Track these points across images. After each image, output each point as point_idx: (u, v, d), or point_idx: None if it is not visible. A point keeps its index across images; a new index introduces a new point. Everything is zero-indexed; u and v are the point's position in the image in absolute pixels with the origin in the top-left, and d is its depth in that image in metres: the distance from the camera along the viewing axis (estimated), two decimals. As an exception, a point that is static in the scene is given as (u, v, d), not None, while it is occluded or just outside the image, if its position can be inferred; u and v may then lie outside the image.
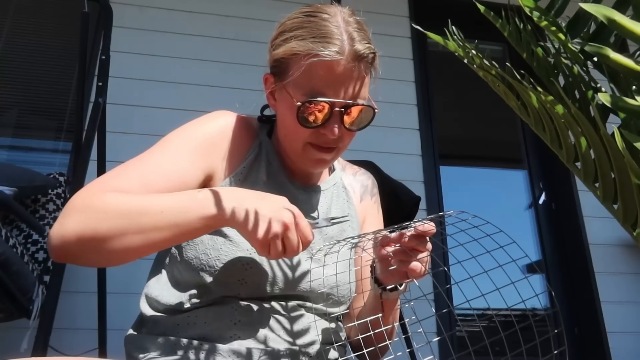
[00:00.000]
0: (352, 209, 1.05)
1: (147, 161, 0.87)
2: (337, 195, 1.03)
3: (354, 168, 1.15)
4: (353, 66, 0.84)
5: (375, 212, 1.12)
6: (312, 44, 0.83)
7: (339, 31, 0.85)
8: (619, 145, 0.58)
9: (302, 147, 0.89)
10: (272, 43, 0.92)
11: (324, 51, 0.82)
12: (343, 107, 0.85)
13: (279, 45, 0.88)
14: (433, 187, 2.74)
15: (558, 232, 2.96)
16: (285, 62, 0.87)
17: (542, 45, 0.84)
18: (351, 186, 1.09)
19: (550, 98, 0.66)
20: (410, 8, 3.05)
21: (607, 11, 0.57)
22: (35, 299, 1.51)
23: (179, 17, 2.71)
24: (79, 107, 1.66)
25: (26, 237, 1.65)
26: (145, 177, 0.84)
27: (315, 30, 0.85)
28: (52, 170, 1.87)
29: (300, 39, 0.85)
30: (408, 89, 2.86)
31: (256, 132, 0.98)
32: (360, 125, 0.89)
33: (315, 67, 0.83)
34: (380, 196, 1.14)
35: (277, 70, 0.89)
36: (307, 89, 0.84)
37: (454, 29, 0.83)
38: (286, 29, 0.89)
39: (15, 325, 1.61)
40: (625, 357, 2.55)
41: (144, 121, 2.37)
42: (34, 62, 2.67)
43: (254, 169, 0.94)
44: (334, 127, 0.85)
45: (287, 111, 0.88)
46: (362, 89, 0.87)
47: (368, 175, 1.15)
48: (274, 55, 0.89)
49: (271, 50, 0.91)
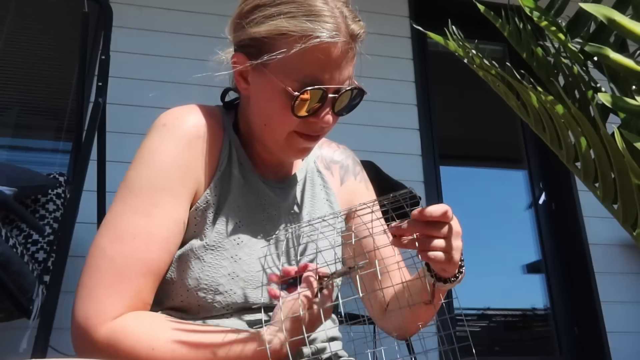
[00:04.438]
0: (330, 194, 0.98)
1: (134, 241, 0.74)
2: (312, 184, 0.96)
3: (332, 146, 1.05)
4: (348, 48, 0.76)
5: (363, 190, 1.03)
6: (307, 23, 0.74)
7: (329, 7, 0.76)
8: (619, 145, 0.58)
9: (285, 136, 0.80)
10: (245, 17, 0.80)
11: (323, 32, 0.73)
12: (336, 92, 0.78)
13: (259, 22, 0.77)
14: (433, 187, 2.74)
15: (558, 232, 2.96)
16: (267, 42, 0.76)
17: (542, 45, 0.84)
18: (329, 169, 1.01)
19: (550, 98, 0.66)
20: (410, 8, 3.05)
21: (607, 11, 0.57)
22: (35, 299, 1.51)
23: (179, 17, 2.71)
24: (79, 107, 1.67)
25: (26, 237, 1.65)
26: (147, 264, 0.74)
27: (305, 6, 0.75)
28: (52, 170, 1.87)
29: (290, 17, 0.75)
30: (408, 89, 2.86)
31: (223, 126, 0.87)
32: (351, 109, 0.83)
33: (311, 50, 0.74)
34: (380, 196, 1.13)
35: (255, 50, 0.78)
36: (301, 74, 0.75)
37: (454, 29, 0.83)
38: (266, 3, 0.77)
39: (15, 325, 1.61)
40: (625, 357, 2.55)
41: (144, 121, 2.37)
42: (34, 62, 2.67)
43: (227, 174, 0.85)
44: (328, 115, 0.78)
45: (270, 97, 0.78)
46: (352, 71, 0.80)
47: (347, 154, 1.05)
48: (252, 33, 0.78)
49: (245, 25, 0.79)
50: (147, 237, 0.75)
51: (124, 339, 0.69)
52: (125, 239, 0.74)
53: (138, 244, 0.74)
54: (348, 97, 0.80)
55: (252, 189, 0.87)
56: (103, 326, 0.69)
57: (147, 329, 0.71)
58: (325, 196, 0.97)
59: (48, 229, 1.70)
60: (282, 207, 0.90)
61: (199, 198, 0.82)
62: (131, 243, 0.74)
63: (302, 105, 0.76)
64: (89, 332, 0.69)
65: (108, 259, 0.73)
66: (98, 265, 0.73)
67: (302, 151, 0.85)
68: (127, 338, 0.69)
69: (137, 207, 0.76)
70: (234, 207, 0.84)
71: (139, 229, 0.75)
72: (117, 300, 0.71)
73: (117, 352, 0.69)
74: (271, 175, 0.91)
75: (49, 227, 1.70)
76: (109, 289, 0.72)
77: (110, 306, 0.71)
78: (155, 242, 0.75)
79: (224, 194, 0.84)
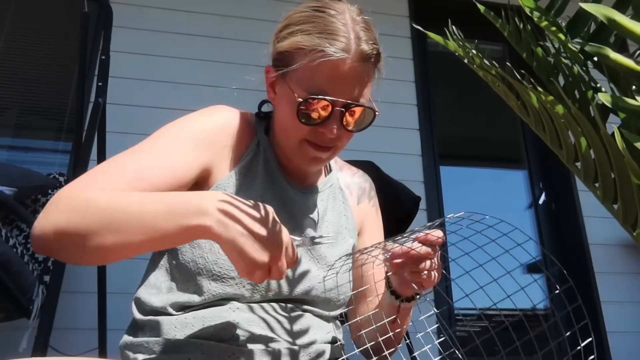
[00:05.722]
0: (348, 211, 1.04)
1: (139, 154, 0.83)
2: (333, 197, 1.02)
3: (352, 169, 1.13)
4: (358, 66, 0.83)
5: (373, 215, 1.11)
6: (318, 39, 0.82)
7: (346, 29, 0.83)
8: (619, 145, 0.58)
9: (298, 144, 0.88)
10: (276, 35, 0.90)
11: (330, 48, 0.81)
12: (344, 107, 0.84)
13: (284, 38, 0.87)
14: (433, 187, 2.74)
15: (558, 232, 2.96)
16: (288, 56, 0.86)
17: (542, 45, 0.84)
18: (348, 188, 1.08)
19: (550, 98, 0.66)
20: (410, 8, 3.05)
21: (607, 11, 0.57)
22: (35, 299, 1.51)
23: (179, 17, 2.71)
24: (79, 107, 1.66)
25: (26, 237, 1.65)
26: (135, 172, 0.80)
27: (322, 25, 0.84)
28: (52, 170, 1.87)
29: (306, 34, 0.83)
30: (408, 89, 2.86)
31: (254, 130, 0.96)
32: (360, 126, 0.88)
33: (319, 64, 0.82)
34: (380, 196, 1.14)
35: (280, 63, 0.88)
36: (309, 85, 0.83)
37: (454, 29, 0.83)
38: (292, 22, 0.87)
39: (15, 325, 1.61)
40: (625, 357, 2.55)
41: (144, 121, 2.37)
42: (34, 62, 2.67)
43: (252, 167, 0.92)
44: (333, 127, 0.84)
45: (286, 105, 0.86)
46: (365, 90, 0.86)
47: (366, 178, 1.13)
48: (278, 47, 0.88)
49: (275, 42, 0.90)
50: (157, 163, 0.82)
51: (81, 191, 0.76)
52: (125, 155, 0.83)
53: (136, 160, 0.82)
54: (358, 113, 0.86)
55: (275, 186, 0.93)
56: (66, 189, 0.77)
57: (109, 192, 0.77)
58: (343, 211, 1.03)
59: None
60: (304, 208, 0.95)
61: (219, 179, 0.88)
62: (130, 157, 0.83)
63: (307, 113, 0.83)
64: (56, 195, 0.76)
65: (103, 164, 0.83)
66: (108, 161, 0.83)
67: (314, 160, 0.90)
68: (86, 193, 0.76)
69: (147, 143, 0.85)
70: (256, 198, 0.86)
71: (143, 149, 0.84)
72: (95, 180, 0.79)
73: (73, 200, 0.75)
74: (296, 181, 0.97)
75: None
76: (96, 172, 0.81)
77: (87, 182, 0.79)
78: (156, 167, 0.82)
79: (246, 184, 0.90)
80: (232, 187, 0.89)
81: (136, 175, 0.80)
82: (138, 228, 0.71)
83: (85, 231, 0.71)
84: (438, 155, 2.88)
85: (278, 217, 0.74)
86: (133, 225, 0.71)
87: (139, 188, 0.79)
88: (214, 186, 0.88)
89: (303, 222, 0.94)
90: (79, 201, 0.74)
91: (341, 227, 1.00)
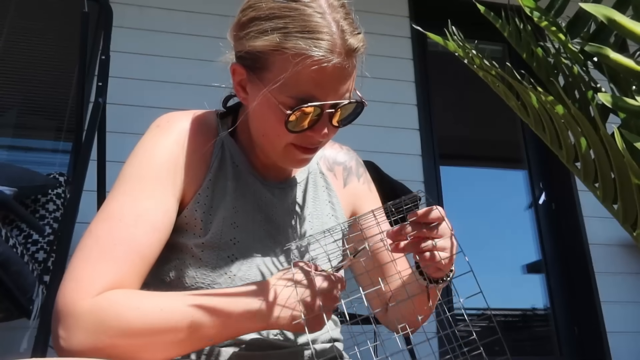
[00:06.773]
0: (333, 196, 0.98)
1: (121, 221, 0.74)
2: (314, 185, 0.97)
3: (334, 146, 1.04)
4: (346, 63, 0.75)
5: (366, 191, 1.03)
6: (301, 41, 0.72)
7: (327, 22, 0.74)
8: (619, 145, 0.58)
9: (282, 148, 0.81)
10: (243, 29, 0.79)
11: (317, 52, 0.72)
12: (332, 107, 0.77)
13: (255, 36, 0.76)
14: (433, 187, 2.74)
15: (558, 232, 2.96)
16: (263, 57, 0.76)
17: (542, 45, 0.84)
18: (332, 171, 1.01)
19: (550, 98, 0.66)
20: (410, 8, 3.05)
21: (607, 11, 0.57)
22: (35, 299, 1.51)
23: (179, 17, 2.71)
24: (79, 107, 1.67)
25: (26, 237, 1.65)
26: (132, 245, 0.73)
27: (299, 21, 0.74)
28: (52, 170, 1.87)
29: (284, 33, 0.73)
30: (408, 89, 2.86)
31: (215, 130, 0.88)
32: (349, 120, 0.83)
33: (304, 68, 0.73)
34: (380, 197, 1.13)
35: (252, 63, 0.78)
36: (296, 92, 0.74)
37: (454, 29, 0.83)
38: (262, 16, 0.76)
39: (15, 325, 1.61)
40: (625, 357, 2.55)
41: (144, 121, 2.37)
42: (34, 62, 2.67)
43: (220, 176, 0.85)
44: (323, 130, 0.78)
45: (267, 111, 0.78)
46: (352, 84, 0.79)
47: (351, 155, 1.05)
48: (248, 45, 0.77)
49: (243, 37, 0.78)
50: (135, 219, 0.75)
51: (107, 307, 0.68)
52: (113, 219, 0.75)
53: (124, 225, 0.74)
54: (347, 109, 0.80)
55: (248, 190, 0.88)
56: (85, 300, 0.68)
57: (133, 294, 0.71)
58: (327, 197, 0.98)
59: (48, 229, 1.70)
60: (281, 207, 0.91)
61: (192, 198, 0.82)
62: (118, 223, 0.74)
63: (296, 121, 0.76)
64: (70, 308, 0.67)
65: (94, 237, 0.73)
66: (84, 245, 0.73)
67: (300, 162, 0.84)
68: (111, 305, 0.68)
69: (127, 192, 0.77)
70: (229, 208, 0.84)
71: (126, 210, 0.75)
72: (99, 276, 0.70)
73: (102, 320, 0.67)
74: (272, 177, 0.92)
75: (49, 227, 1.71)
76: (91, 265, 0.71)
77: (92, 282, 0.69)
78: (143, 224, 0.75)
79: (218, 195, 0.84)
80: (208, 200, 0.83)
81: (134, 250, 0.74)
82: (196, 342, 0.72)
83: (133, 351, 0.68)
84: (438, 155, 2.88)
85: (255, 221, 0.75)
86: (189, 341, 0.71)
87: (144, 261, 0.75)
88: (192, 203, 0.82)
89: (281, 222, 0.90)
90: (109, 319, 0.67)
91: (326, 216, 0.95)
